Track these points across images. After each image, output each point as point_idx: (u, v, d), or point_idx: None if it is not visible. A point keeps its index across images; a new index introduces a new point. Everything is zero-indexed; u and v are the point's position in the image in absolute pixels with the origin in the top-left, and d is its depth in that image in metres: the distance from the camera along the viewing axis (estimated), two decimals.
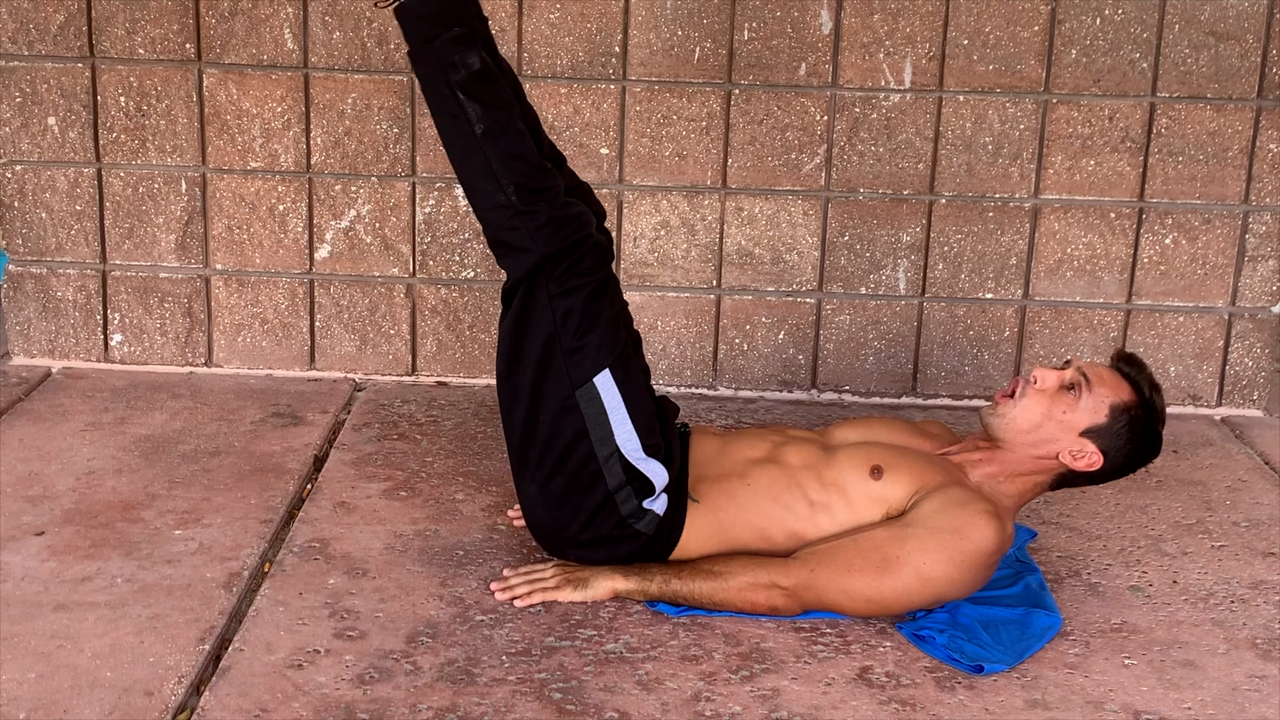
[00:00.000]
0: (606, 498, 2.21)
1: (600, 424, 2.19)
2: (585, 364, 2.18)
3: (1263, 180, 3.18)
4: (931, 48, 3.12)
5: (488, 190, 2.17)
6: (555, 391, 2.19)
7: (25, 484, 2.62)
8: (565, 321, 2.17)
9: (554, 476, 2.22)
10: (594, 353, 2.18)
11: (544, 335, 2.18)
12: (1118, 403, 2.21)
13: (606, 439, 2.19)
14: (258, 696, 1.94)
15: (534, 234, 2.15)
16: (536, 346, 2.19)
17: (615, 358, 2.20)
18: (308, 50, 3.14)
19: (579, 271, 2.17)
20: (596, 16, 3.11)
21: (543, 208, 2.15)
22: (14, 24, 3.13)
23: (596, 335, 2.19)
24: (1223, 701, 2.04)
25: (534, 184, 2.17)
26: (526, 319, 2.19)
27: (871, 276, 3.25)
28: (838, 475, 2.25)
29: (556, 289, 2.16)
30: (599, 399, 2.19)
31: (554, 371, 2.19)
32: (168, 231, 3.24)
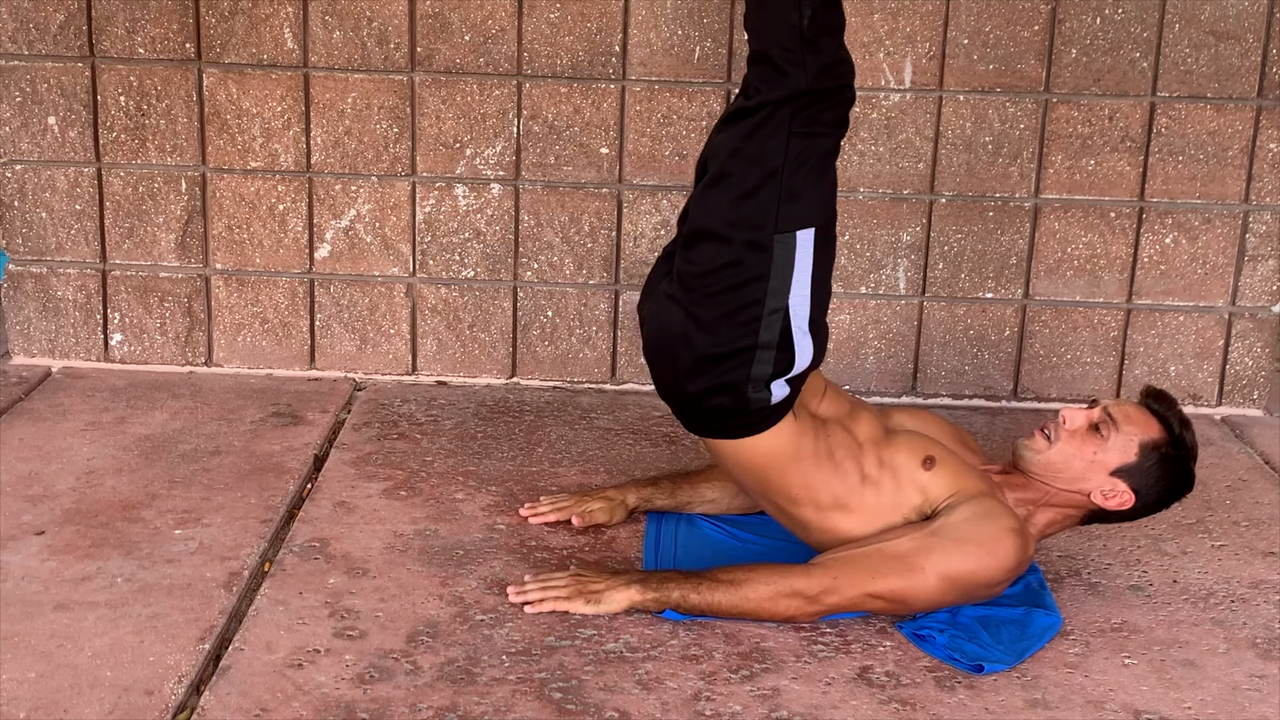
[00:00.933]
0: (749, 349, 2.10)
1: (783, 276, 2.08)
2: (796, 213, 2.08)
3: (1263, 180, 3.18)
4: (931, 47, 3.12)
5: (784, 4, 2.05)
6: (755, 225, 2.08)
7: (25, 484, 2.62)
8: (797, 162, 2.07)
9: (712, 300, 2.10)
10: (808, 207, 2.09)
11: (771, 165, 2.07)
12: (1147, 441, 2.21)
13: (781, 293, 2.09)
14: (258, 696, 1.94)
15: (808, 64, 2.04)
16: (757, 172, 2.08)
17: (824, 222, 2.11)
18: (308, 50, 3.14)
19: (825, 121, 2.09)
20: (596, 16, 3.11)
21: (827, 42, 2.06)
22: (14, 24, 3.13)
23: (817, 192, 2.10)
24: (1223, 701, 2.04)
25: (831, 16, 2.08)
26: (758, 141, 2.08)
27: (871, 276, 3.25)
28: (893, 456, 2.25)
29: (800, 127, 2.06)
30: (793, 252, 2.08)
31: (763, 205, 2.07)
32: (168, 231, 3.24)
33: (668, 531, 2.50)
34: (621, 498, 2.56)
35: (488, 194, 3.22)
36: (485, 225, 3.23)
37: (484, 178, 3.21)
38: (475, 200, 3.22)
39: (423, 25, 3.12)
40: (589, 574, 2.26)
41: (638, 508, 2.57)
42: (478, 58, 3.14)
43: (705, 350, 2.11)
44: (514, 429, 3.02)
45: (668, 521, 2.54)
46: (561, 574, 2.27)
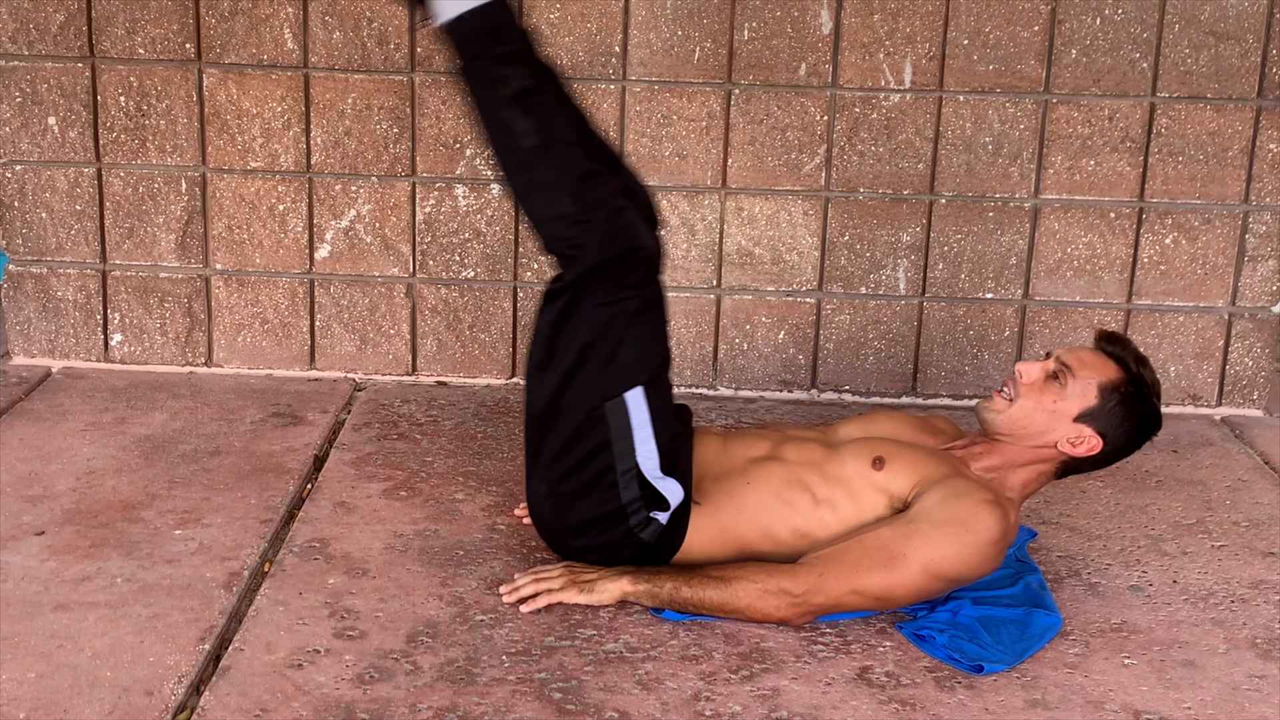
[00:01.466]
0: (618, 510, 2.20)
1: (624, 439, 2.17)
2: (619, 377, 2.16)
3: (1263, 180, 3.18)
4: (931, 48, 3.12)
5: (542, 201, 2.14)
6: (584, 399, 2.17)
7: (25, 484, 2.62)
8: (607, 332, 2.15)
9: (567, 479, 2.21)
10: (630, 368, 2.16)
11: (583, 341, 2.15)
12: (1105, 382, 2.21)
13: (628, 454, 2.18)
14: (258, 696, 1.94)
15: (589, 242, 2.11)
16: (574, 350, 2.16)
17: (650, 375, 2.19)
18: (308, 50, 3.14)
19: (628, 284, 2.15)
20: (596, 16, 3.11)
21: (600, 215, 2.12)
22: (14, 24, 3.13)
23: (635, 351, 2.17)
24: (1223, 701, 2.04)
25: (590, 193, 2.13)
26: (569, 321, 2.16)
27: (871, 276, 3.25)
28: (839, 469, 2.25)
29: (604, 298, 2.13)
30: (627, 414, 2.17)
31: (586, 379, 2.16)
32: (168, 231, 3.24)
33: None
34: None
35: (488, 194, 3.22)
36: (485, 225, 3.23)
37: (484, 178, 3.21)
38: (475, 200, 3.22)
39: None
40: (580, 565, 2.27)
41: None
42: None
43: (576, 530, 2.24)
44: (514, 429, 3.02)
45: None
46: (553, 566, 2.28)
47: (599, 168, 2.18)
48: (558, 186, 2.12)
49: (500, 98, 2.12)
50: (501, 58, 2.11)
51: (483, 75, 2.13)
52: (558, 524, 2.26)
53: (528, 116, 2.12)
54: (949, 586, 2.17)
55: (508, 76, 2.11)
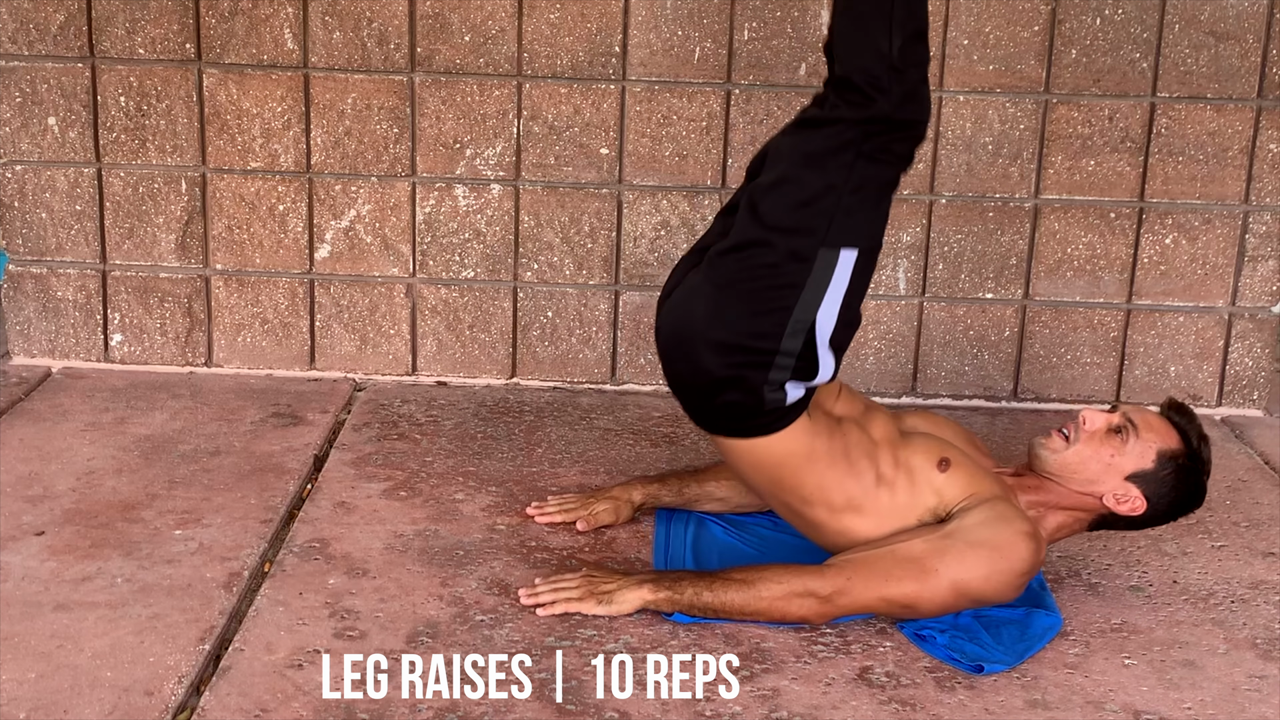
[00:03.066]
0: (770, 352, 2.10)
1: (817, 290, 2.08)
2: (845, 232, 2.08)
3: (1263, 180, 3.18)
4: (931, 48, 3.11)
5: (874, 31, 2.05)
6: (802, 235, 2.08)
7: (25, 484, 2.62)
8: (857, 184, 2.07)
9: (742, 291, 2.10)
10: (858, 228, 2.09)
11: (829, 180, 2.07)
12: (1165, 450, 2.22)
13: (811, 306, 2.09)
14: (258, 696, 1.94)
15: (892, 92, 2.05)
16: (817, 183, 2.08)
17: (869, 247, 2.12)
18: (308, 50, 3.14)
19: (895, 150, 2.10)
20: (596, 16, 3.11)
21: (912, 73, 2.07)
22: (14, 24, 3.13)
23: (870, 216, 2.11)
24: (1223, 701, 2.04)
25: (918, 48, 2.09)
26: (826, 154, 2.08)
27: None
28: (909, 457, 2.25)
29: (870, 150, 2.07)
30: (833, 269, 2.08)
31: (815, 216, 2.08)
32: (168, 231, 3.24)
33: (677, 532, 2.50)
34: (627, 496, 2.57)
35: (488, 194, 3.22)
36: (485, 225, 3.23)
37: (484, 178, 3.21)
38: (475, 200, 3.22)
39: (423, 25, 3.12)
40: (600, 574, 2.25)
41: (644, 504, 2.58)
42: (478, 58, 3.14)
43: (726, 344, 2.10)
44: (514, 429, 3.02)
45: (677, 521, 2.54)
46: (572, 575, 2.26)
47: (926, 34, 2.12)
48: (895, 27, 2.05)
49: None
50: None
51: None
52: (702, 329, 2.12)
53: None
54: (972, 606, 2.17)
55: None
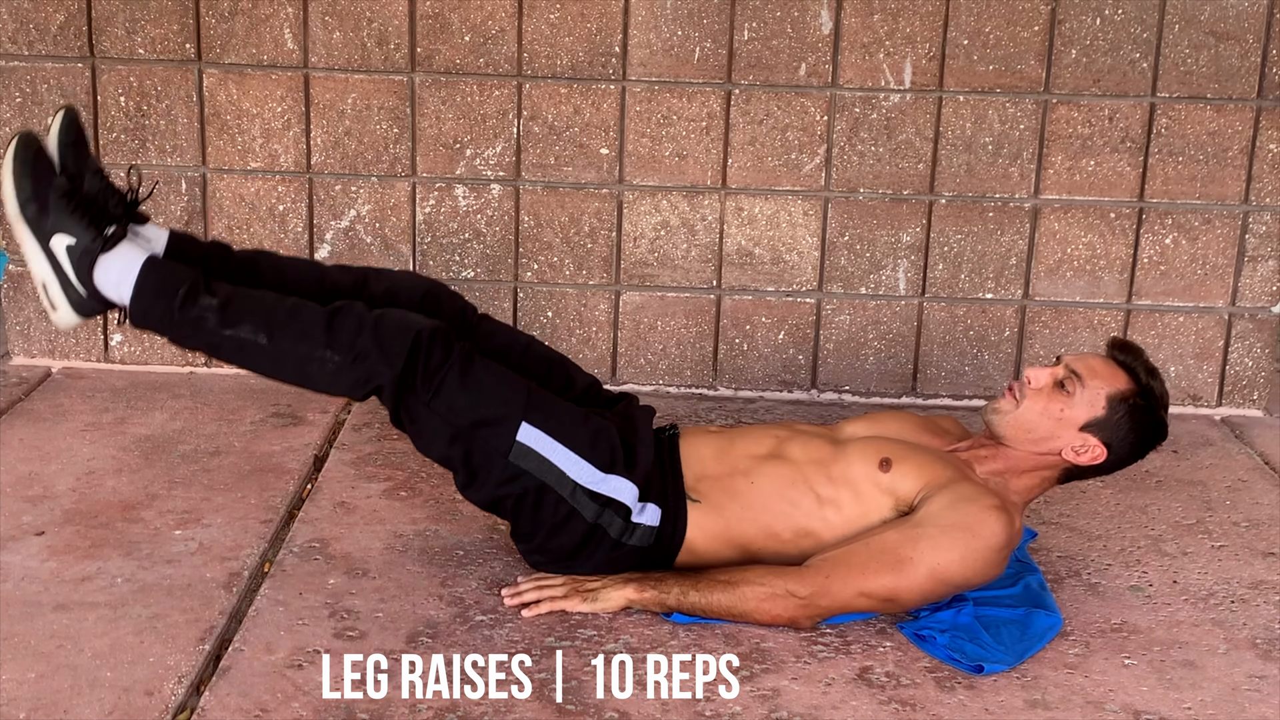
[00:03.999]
0: (593, 529, 2.21)
1: (548, 470, 2.18)
2: (501, 432, 2.17)
3: (1263, 180, 3.18)
4: (931, 48, 3.12)
5: (315, 372, 2.16)
6: (496, 470, 2.19)
7: (25, 484, 2.62)
8: (454, 414, 2.16)
9: (547, 536, 2.24)
10: (500, 417, 2.17)
11: (447, 436, 2.18)
12: (1114, 392, 2.22)
13: (562, 479, 2.19)
14: (258, 696, 1.94)
15: (376, 369, 2.14)
16: (454, 450, 2.20)
17: (523, 406, 2.19)
18: (308, 50, 3.14)
19: (434, 368, 2.15)
20: (596, 16, 3.11)
21: (363, 341, 2.14)
22: (14, 24, 3.13)
23: (491, 402, 2.18)
24: (1223, 701, 2.04)
25: (341, 333, 2.14)
26: (423, 434, 2.21)
27: (871, 276, 3.25)
28: (846, 469, 2.25)
29: (427, 395, 2.15)
30: (533, 451, 2.18)
31: (481, 457, 2.19)
32: None
33: None
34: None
35: (488, 194, 3.22)
36: (485, 225, 3.23)
37: (484, 178, 3.21)
38: (475, 200, 3.22)
39: (423, 26, 3.12)
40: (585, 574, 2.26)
41: None
42: (478, 58, 3.14)
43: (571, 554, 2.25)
44: None
45: None
46: (557, 575, 2.27)
47: (335, 305, 2.18)
48: (313, 351, 2.14)
49: (211, 328, 2.13)
50: (186, 300, 2.12)
51: (185, 324, 2.13)
52: (560, 565, 2.27)
53: (241, 323, 2.13)
54: (955, 590, 2.17)
55: (201, 310, 2.12)
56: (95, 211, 2.13)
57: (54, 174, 2.13)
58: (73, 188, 2.13)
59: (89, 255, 2.12)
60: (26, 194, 2.11)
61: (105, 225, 2.13)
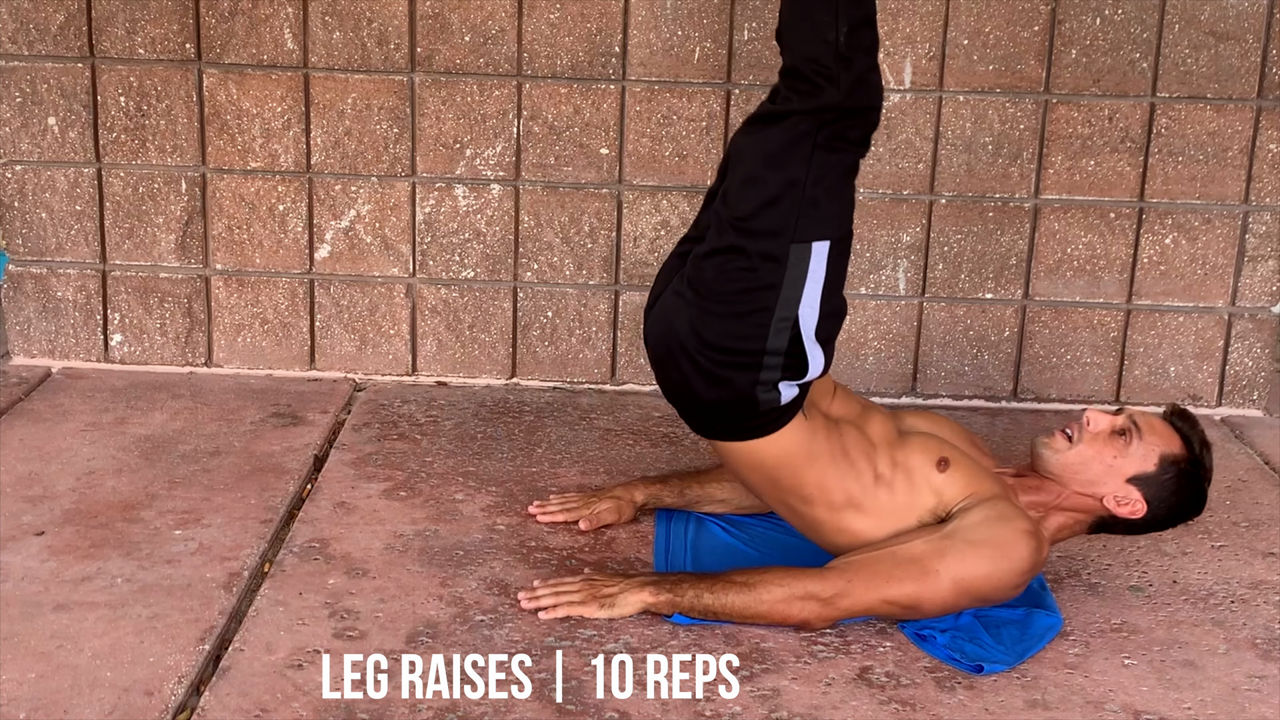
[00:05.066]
0: (757, 353, 2.11)
1: (795, 287, 2.09)
2: (814, 225, 2.09)
3: (1263, 180, 3.18)
4: (931, 48, 3.12)
5: (820, 19, 2.06)
6: (772, 233, 2.09)
7: (25, 484, 2.62)
8: (819, 175, 2.08)
9: (722, 298, 2.11)
10: (826, 220, 2.10)
11: (790, 176, 2.08)
12: (1168, 454, 2.22)
13: (792, 303, 2.10)
14: (258, 696, 1.94)
15: (841, 80, 2.05)
16: (779, 181, 2.08)
17: (840, 235, 2.13)
18: (308, 50, 3.14)
19: (850, 138, 2.10)
20: (596, 16, 3.11)
21: (860, 60, 2.08)
22: (14, 24, 3.13)
23: (836, 205, 2.12)
24: (1223, 701, 2.04)
25: (865, 35, 2.10)
26: (784, 151, 2.09)
27: (871, 276, 3.25)
28: (908, 458, 2.25)
29: (825, 140, 2.07)
30: (807, 263, 2.09)
31: (782, 214, 2.08)
32: (168, 231, 3.24)
33: (677, 533, 2.50)
34: (629, 495, 2.57)
35: (488, 194, 3.22)
36: (485, 225, 3.24)
37: (484, 178, 3.21)
38: (475, 200, 3.22)
39: (423, 25, 3.12)
40: (600, 577, 2.25)
41: (645, 504, 2.58)
42: (478, 58, 3.14)
43: (713, 351, 2.12)
44: (514, 429, 3.02)
45: (677, 522, 2.54)
46: (573, 578, 2.26)
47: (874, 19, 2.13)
48: (841, 14, 2.05)
49: None
50: None
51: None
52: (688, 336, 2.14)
53: None
54: (974, 605, 2.17)
55: None
56: None
57: None
58: None
59: None
60: None
61: None
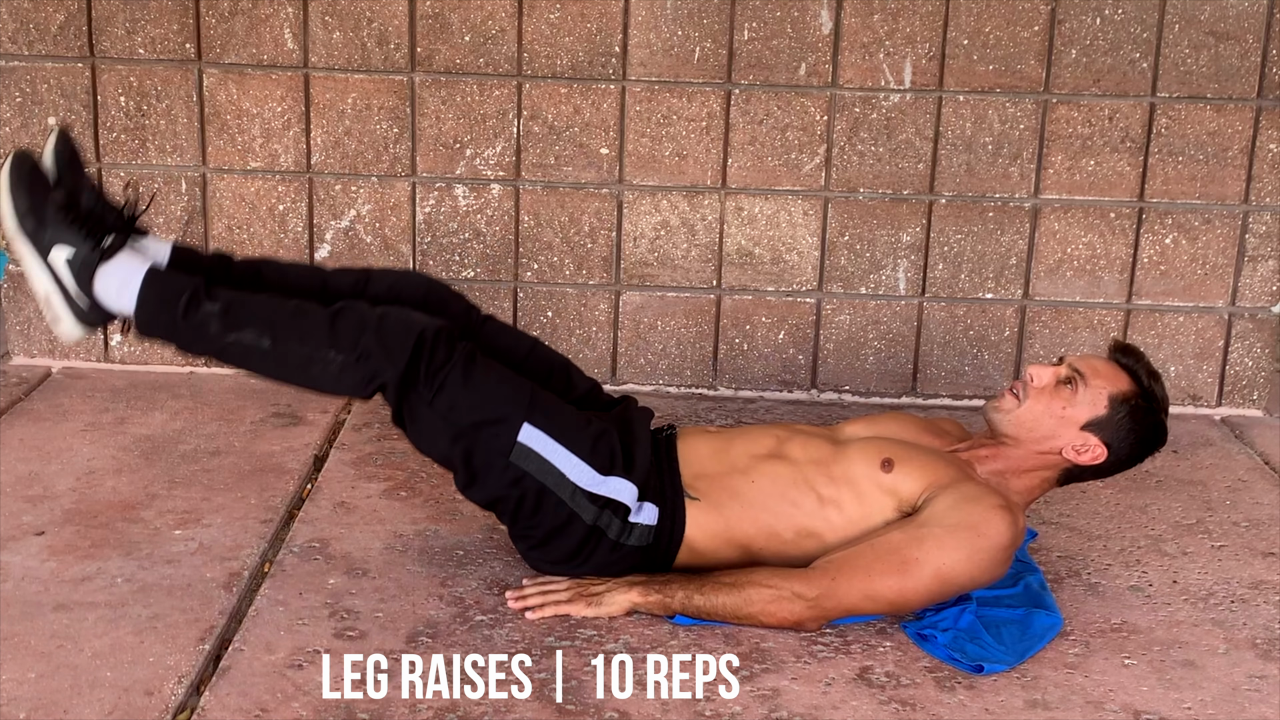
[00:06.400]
0: (591, 530, 2.21)
1: (548, 471, 2.18)
2: (502, 432, 2.17)
3: (1263, 180, 3.18)
4: (931, 48, 3.12)
5: (320, 373, 2.16)
6: (496, 470, 2.19)
7: (25, 484, 2.62)
8: (456, 413, 2.16)
9: (546, 536, 2.24)
10: (501, 418, 2.18)
11: (449, 436, 2.18)
12: (1116, 393, 2.22)
13: (561, 481, 2.19)
14: (258, 696, 1.94)
15: (379, 367, 2.14)
16: (455, 449, 2.19)
17: (525, 407, 2.19)
18: (308, 50, 3.14)
19: (436, 366, 2.15)
20: (596, 16, 3.11)
21: (366, 340, 2.14)
22: (14, 24, 3.13)
23: (493, 402, 2.18)
24: (1223, 701, 2.04)
25: (345, 332, 2.15)
26: (424, 434, 2.21)
27: (871, 276, 3.25)
28: (847, 469, 2.25)
29: (429, 393, 2.15)
30: (534, 452, 2.18)
31: (481, 457, 2.19)
32: (168, 231, 3.24)
33: None
34: None
35: (488, 194, 3.22)
36: (485, 225, 3.24)
37: (484, 178, 3.21)
38: (475, 200, 3.22)
39: (423, 25, 3.12)
40: (590, 578, 2.26)
41: None
42: (478, 58, 3.14)
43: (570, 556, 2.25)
44: None
45: None
46: (560, 578, 2.27)
47: (338, 305, 2.19)
48: (316, 352, 2.15)
49: (215, 334, 2.14)
50: (187, 309, 2.13)
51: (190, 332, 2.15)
52: (559, 567, 2.28)
53: (244, 328, 2.14)
54: (960, 591, 2.17)
55: (204, 316, 2.13)
56: (92, 223, 2.15)
57: (49, 188, 2.14)
58: (70, 201, 2.14)
59: (88, 266, 2.13)
60: (24, 208, 2.12)
61: (103, 236, 2.14)
